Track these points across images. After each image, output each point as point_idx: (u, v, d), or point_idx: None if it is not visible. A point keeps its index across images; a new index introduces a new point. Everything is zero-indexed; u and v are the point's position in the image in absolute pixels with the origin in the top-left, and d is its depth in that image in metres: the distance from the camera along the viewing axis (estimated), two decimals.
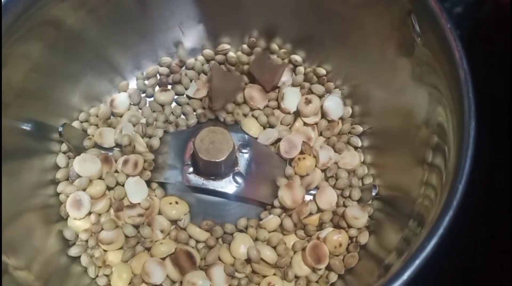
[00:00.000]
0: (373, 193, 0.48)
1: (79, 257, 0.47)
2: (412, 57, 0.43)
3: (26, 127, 0.47)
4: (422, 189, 0.40)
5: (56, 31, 0.46)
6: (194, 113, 0.55)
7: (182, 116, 0.55)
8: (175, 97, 0.56)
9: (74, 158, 0.50)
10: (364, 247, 0.47)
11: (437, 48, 0.40)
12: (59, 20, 0.46)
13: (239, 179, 0.48)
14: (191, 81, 0.57)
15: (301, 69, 0.56)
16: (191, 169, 0.48)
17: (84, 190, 0.49)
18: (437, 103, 0.40)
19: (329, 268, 0.46)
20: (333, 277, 0.46)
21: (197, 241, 0.48)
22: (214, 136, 0.45)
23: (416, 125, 0.43)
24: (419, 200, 0.40)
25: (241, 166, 0.49)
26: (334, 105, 0.52)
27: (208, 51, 0.58)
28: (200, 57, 0.58)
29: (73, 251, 0.47)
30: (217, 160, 0.45)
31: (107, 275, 0.47)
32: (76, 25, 0.48)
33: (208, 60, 0.58)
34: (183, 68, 0.58)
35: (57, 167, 0.51)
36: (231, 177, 0.48)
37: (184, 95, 0.56)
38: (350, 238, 0.47)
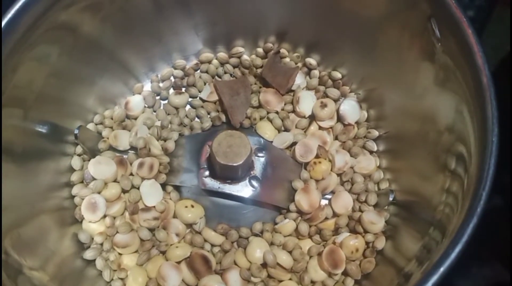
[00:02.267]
0: (390, 198, 0.47)
1: (94, 260, 0.47)
2: (432, 61, 0.43)
3: (42, 129, 0.46)
4: (443, 196, 0.40)
5: (72, 35, 0.46)
6: (208, 116, 0.55)
7: (197, 119, 0.55)
8: (189, 99, 0.56)
9: (89, 160, 0.50)
10: (381, 252, 0.47)
11: (458, 53, 0.40)
12: (75, 24, 0.46)
13: (255, 183, 0.48)
14: (205, 84, 0.57)
15: (315, 72, 0.56)
16: (207, 173, 0.48)
17: (99, 192, 0.48)
18: (458, 109, 0.40)
19: (345, 273, 0.46)
20: (350, 283, 0.46)
21: (212, 245, 0.48)
22: (232, 139, 0.45)
23: (437, 130, 0.43)
24: (440, 207, 0.39)
25: (257, 170, 0.49)
26: (350, 109, 0.52)
27: (223, 54, 0.58)
28: (215, 61, 0.58)
29: (88, 254, 0.47)
30: (234, 164, 0.44)
31: (122, 279, 0.47)
32: (91, 29, 0.48)
33: (222, 63, 0.58)
34: (197, 71, 0.58)
35: (71, 170, 0.51)
36: (247, 181, 0.48)
37: (198, 98, 0.56)
38: (367, 243, 0.47)
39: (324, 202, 0.49)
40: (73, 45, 0.47)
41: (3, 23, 0.40)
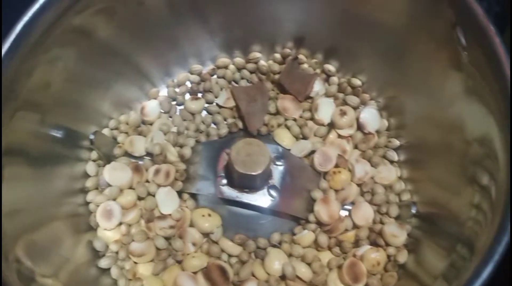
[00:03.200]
0: (413, 211, 0.46)
1: (109, 268, 0.46)
2: (459, 70, 0.42)
3: (57, 133, 0.46)
4: (471, 210, 0.38)
5: (87, 39, 0.46)
6: (225, 122, 0.54)
7: (213, 125, 0.54)
8: (206, 105, 0.55)
9: (104, 166, 0.50)
10: (403, 266, 0.46)
11: (485, 63, 0.39)
12: (89, 28, 0.45)
13: (273, 193, 0.47)
14: (221, 89, 0.56)
15: (334, 79, 0.55)
16: (224, 181, 0.47)
17: (114, 199, 0.48)
18: (486, 119, 0.38)
19: None
20: None
21: (230, 255, 0.47)
22: (250, 148, 0.44)
23: (464, 140, 0.41)
24: (468, 222, 0.38)
25: (276, 179, 0.48)
26: (371, 117, 0.51)
27: (239, 60, 0.57)
28: (231, 66, 0.57)
29: (104, 263, 0.46)
30: (253, 173, 0.44)
31: None
32: (106, 33, 0.47)
33: (239, 69, 0.57)
34: (214, 76, 0.57)
35: (86, 175, 0.50)
36: (265, 190, 0.47)
37: (214, 104, 0.56)
38: (388, 256, 0.46)
39: (343, 213, 0.49)
40: (88, 49, 0.46)
41: (20, 26, 0.39)
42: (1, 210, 0.37)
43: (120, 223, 0.47)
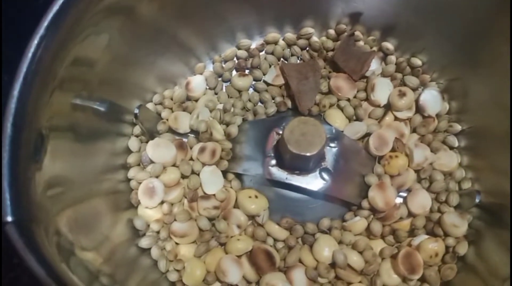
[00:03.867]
0: (477, 200, 0.43)
1: (149, 249, 0.45)
2: None
3: (100, 107, 0.44)
4: None
5: (129, 17, 0.43)
6: (273, 101, 0.51)
7: (260, 104, 0.52)
8: (253, 83, 0.53)
9: (146, 142, 0.48)
10: (463, 259, 0.43)
11: None
12: (131, 6, 0.43)
13: (326, 176, 0.44)
14: (270, 66, 0.53)
15: (392, 58, 0.52)
16: (273, 162, 0.45)
17: (157, 177, 0.46)
18: None
19: (422, 279, 0.42)
20: None
21: (276, 240, 0.45)
22: (305, 127, 0.41)
23: None
24: None
25: (329, 161, 0.45)
26: (431, 99, 0.48)
27: (290, 35, 0.54)
28: (281, 41, 0.54)
29: (144, 242, 0.44)
30: (307, 154, 0.41)
31: (178, 270, 0.44)
32: (149, 9, 0.45)
33: (289, 45, 0.54)
34: (263, 52, 0.55)
35: (128, 151, 0.49)
36: (317, 172, 0.45)
37: (262, 81, 0.53)
38: (447, 247, 0.43)
39: (398, 200, 0.46)
40: (131, 27, 0.44)
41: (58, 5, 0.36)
42: None
43: (162, 202, 0.46)
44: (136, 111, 0.46)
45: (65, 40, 0.37)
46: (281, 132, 0.44)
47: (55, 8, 0.35)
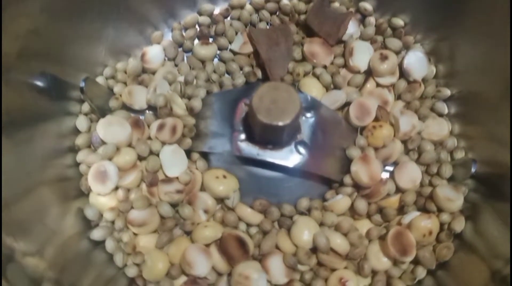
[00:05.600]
0: (473, 170, 0.40)
1: (103, 241, 0.42)
2: None
3: (40, 82, 0.40)
4: None
5: None
6: (241, 71, 0.48)
7: (227, 75, 0.48)
8: (218, 52, 0.50)
9: (97, 121, 0.44)
10: (460, 236, 0.40)
11: None
12: None
13: (302, 150, 0.40)
14: (236, 33, 0.50)
15: (371, 19, 0.50)
16: (242, 136, 0.41)
17: (110, 159, 0.42)
18: None
19: (416, 261, 0.40)
20: (421, 273, 0.40)
21: (249, 225, 0.42)
22: (277, 93, 0.37)
23: None
24: None
25: (305, 133, 0.41)
26: (417, 62, 0.45)
27: None
28: (248, 6, 0.51)
29: (96, 234, 0.41)
30: (279, 124, 0.36)
31: (138, 264, 0.41)
32: None
33: (257, 9, 0.51)
34: (228, 18, 0.51)
35: (76, 132, 0.45)
36: (292, 146, 0.41)
37: (228, 50, 0.49)
38: (441, 224, 0.40)
39: (385, 175, 0.43)
40: None
41: None
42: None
43: (117, 188, 0.42)
44: (82, 84, 0.43)
45: None
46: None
47: None
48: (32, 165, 0.39)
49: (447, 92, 0.45)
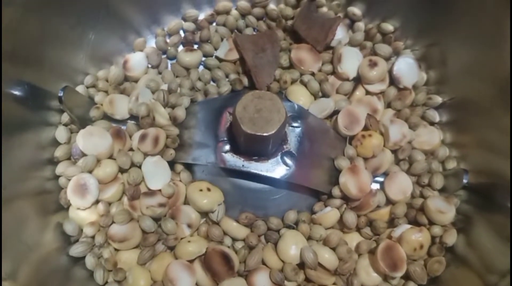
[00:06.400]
0: (464, 181, 0.39)
1: (83, 257, 0.41)
2: None
3: (16, 91, 0.39)
4: None
5: None
6: (227, 79, 0.47)
7: (212, 83, 0.47)
8: (203, 59, 0.48)
9: (77, 131, 0.43)
10: (452, 250, 0.39)
11: None
12: None
13: (289, 161, 0.39)
14: (222, 39, 0.49)
15: (360, 24, 0.49)
16: (227, 147, 0.40)
17: (90, 172, 0.42)
18: None
19: (406, 276, 0.39)
20: None
21: (234, 239, 0.41)
22: (261, 102, 0.36)
23: None
24: None
25: (292, 143, 0.40)
26: (407, 69, 0.44)
27: (244, 3, 0.50)
28: (234, 11, 0.50)
29: (76, 250, 0.40)
30: (264, 134, 0.35)
31: (119, 282, 0.40)
32: None
33: (243, 15, 0.50)
34: (213, 24, 0.50)
35: (56, 143, 0.44)
36: (278, 157, 0.39)
37: (214, 57, 0.49)
38: (433, 238, 0.39)
39: (375, 186, 0.43)
40: None
41: None
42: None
43: (97, 201, 0.41)
44: (61, 93, 0.41)
45: None
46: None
47: None
48: (8, 177, 0.37)
49: (438, 99, 0.44)
